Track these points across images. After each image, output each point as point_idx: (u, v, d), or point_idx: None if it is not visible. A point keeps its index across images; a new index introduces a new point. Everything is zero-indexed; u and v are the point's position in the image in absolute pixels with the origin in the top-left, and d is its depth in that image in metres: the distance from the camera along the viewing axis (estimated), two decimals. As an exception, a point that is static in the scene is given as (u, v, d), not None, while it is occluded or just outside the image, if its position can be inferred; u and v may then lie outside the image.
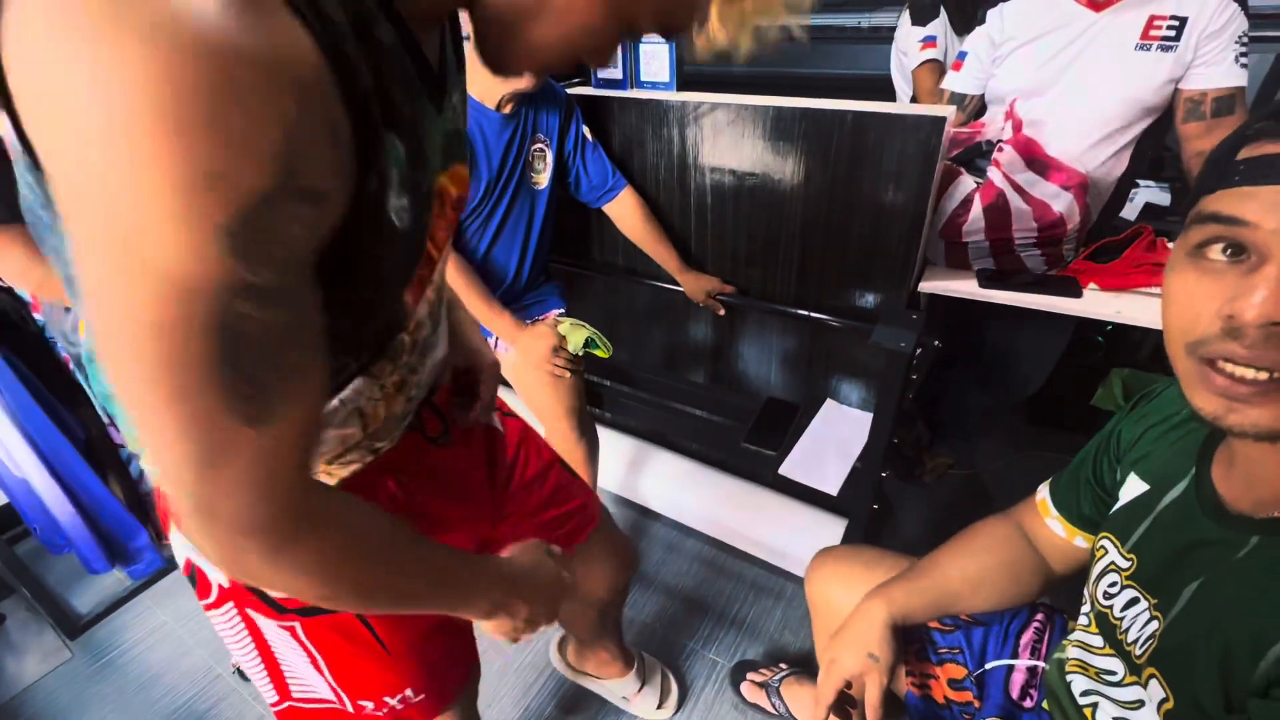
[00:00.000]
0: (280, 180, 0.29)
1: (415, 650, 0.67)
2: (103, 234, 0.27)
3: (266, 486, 0.34)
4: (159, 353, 0.29)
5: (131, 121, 0.25)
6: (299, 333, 0.34)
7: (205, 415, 0.31)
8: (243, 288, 0.29)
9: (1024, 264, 1.25)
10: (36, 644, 1.51)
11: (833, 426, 1.28)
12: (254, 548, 0.36)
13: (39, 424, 1.45)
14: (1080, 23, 1.25)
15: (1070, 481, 0.74)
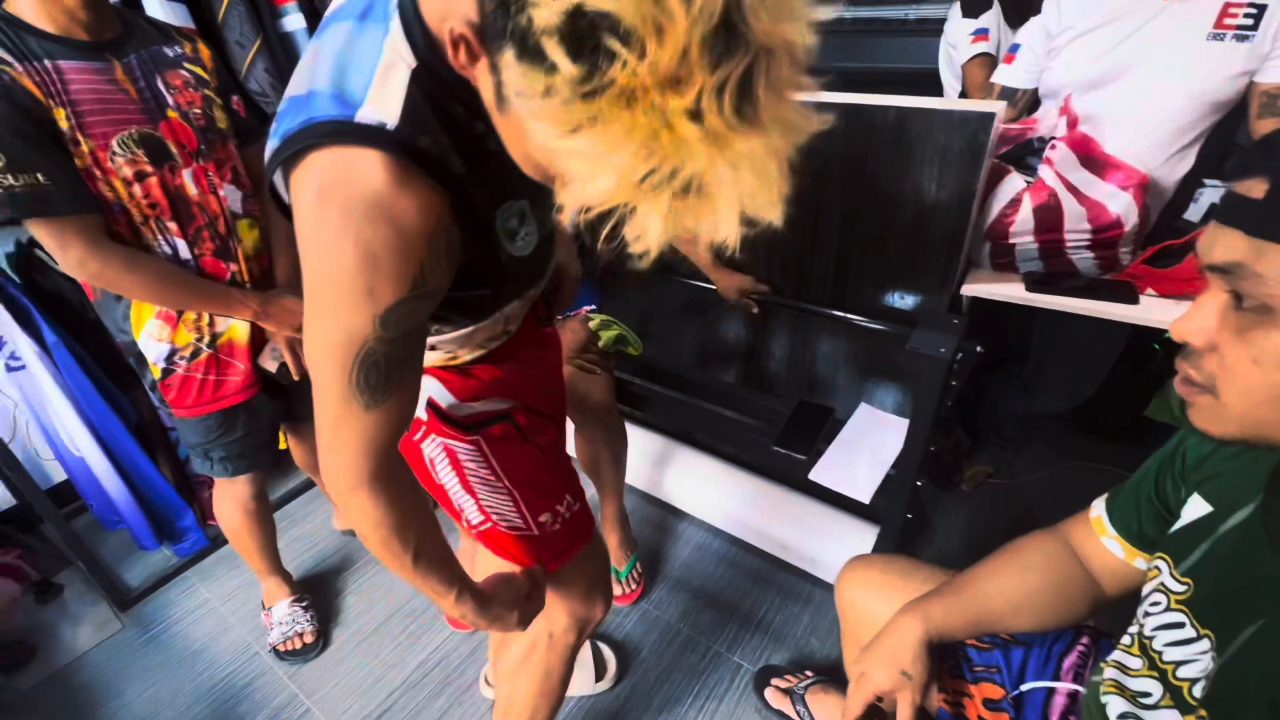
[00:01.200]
0: (411, 291, 0.51)
1: (563, 466, 0.87)
2: (322, 299, 0.52)
3: (360, 448, 0.56)
4: (330, 360, 0.53)
5: (346, 265, 0.49)
6: (403, 365, 0.55)
7: (341, 397, 0.54)
8: (376, 339, 0.52)
9: (1075, 267, 1.19)
10: (91, 614, 1.59)
11: (867, 431, 1.24)
12: (344, 481, 0.58)
13: (96, 406, 1.53)
14: (1146, 10, 1.18)
15: (1129, 499, 0.70)
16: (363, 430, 0.55)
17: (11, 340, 1.44)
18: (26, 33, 0.89)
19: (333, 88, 0.48)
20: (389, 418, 0.56)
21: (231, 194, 1.12)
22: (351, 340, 0.51)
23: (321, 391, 0.55)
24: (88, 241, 0.95)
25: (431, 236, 0.50)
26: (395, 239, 0.48)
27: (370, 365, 0.52)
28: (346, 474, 0.57)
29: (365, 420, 0.55)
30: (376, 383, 0.53)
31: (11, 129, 0.85)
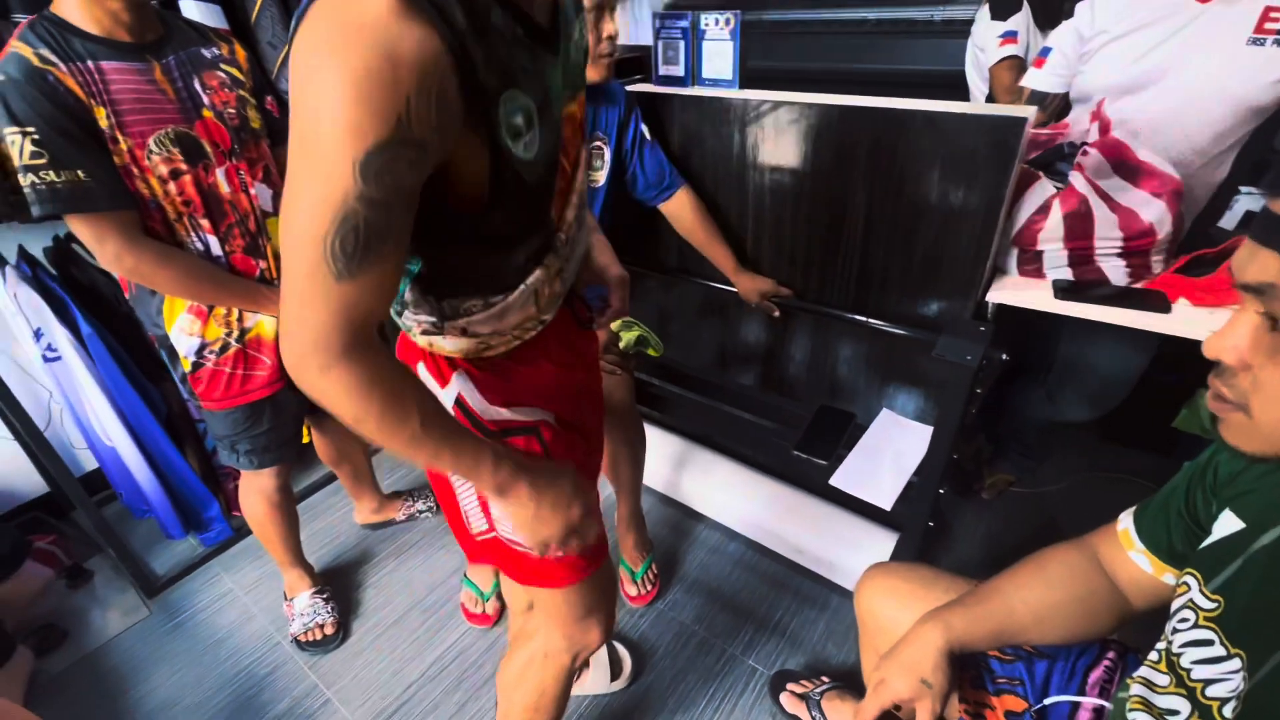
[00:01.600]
0: (394, 133, 0.46)
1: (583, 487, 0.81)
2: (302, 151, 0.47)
3: (330, 322, 0.50)
4: (303, 223, 0.48)
5: (328, 93, 0.44)
6: (383, 236, 0.50)
7: (311, 265, 0.48)
8: (358, 195, 0.47)
9: (1105, 275, 1.17)
10: (119, 600, 1.63)
11: (889, 437, 1.23)
12: (312, 361, 0.51)
13: (128, 397, 1.56)
14: (1183, 14, 1.15)
15: (1159, 513, 0.69)
16: (332, 302, 0.50)
17: (49, 332, 1.48)
18: (71, 34, 0.91)
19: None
20: (363, 292, 0.50)
21: (263, 192, 1.14)
22: (330, 198, 0.47)
23: (291, 263, 0.49)
24: (124, 237, 0.97)
25: (424, 73, 0.46)
26: (385, 66, 0.44)
27: (348, 230, 0.48)
28: (316, 353, 0.51)
29: (336, 291, 0.49)
30: (353, 251, 0.48)
31: (55, 127, 0.88)
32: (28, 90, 0.86)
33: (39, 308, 1.46)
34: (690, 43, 1.37)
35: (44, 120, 0.87)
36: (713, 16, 1.32)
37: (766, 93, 1.30)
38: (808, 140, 1.26)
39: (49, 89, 0.87)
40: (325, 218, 0.47)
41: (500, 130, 0.54)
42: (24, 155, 0.87)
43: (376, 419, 0.54)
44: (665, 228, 1.44)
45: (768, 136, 1.31)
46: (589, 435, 0.88)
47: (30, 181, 0.88)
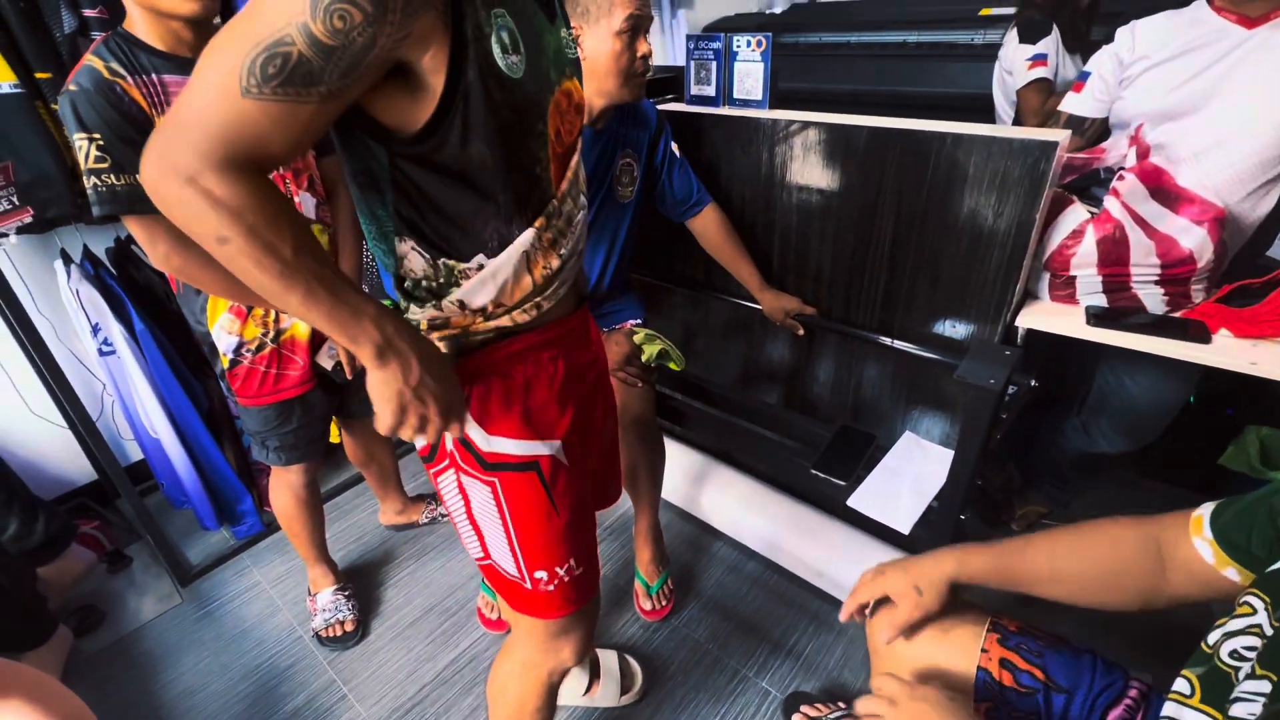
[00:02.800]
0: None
1: (576, 528, 0.80)
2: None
3: (215, 133, 0.48)
4: (236, 33, 0.47)
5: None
6: (315, 79, 0.48)
7: (221, 72, 0.47)
8: (301, 26, 0.46)
9: (1141, 302, 1.13)
10: (155, 586, 1.69)
11: (910, 460, 1.21)
12: (181, 162, 0.48)
13: (174, 392, 1.64)
14: (1228, 40, 1.13)
15: (1244, 513, 0.66)
16: (229, 113, 0.47)
17: (106, 327, 1.57)
18: (139, 49, 0.98)
19: None
20: (263, 118, 0.48)
21: (306, 201, 1.19)
22: (272, 20, 0.46)
23: (201, 66, 0.48)
24: (174, 238, 1.03)
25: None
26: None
27: (278, 54, 0.46)
28: (186, 155, 0.47)
29: (238, 105, 0.47)
30: (274, 76, 0.47)
31: (120, 135, 0.94)
32: (96, 100, 0.92)
33: (98, 304, 1.55)
34: (722, 64, 1.40)
35: (109, 128, 0.93)
36: (744, 38, 1.34)
37: (795, 113, 1.31)
38: (835, 160, 1.27)
39: (115, 99, 0.94)
40: (259, 34, 0.46)
41: (488, 38, 0.55)
42: (89, 159, 0.93)
43: (244, 238, 0.49)
44: (692, 243, 1.46)
45: (796, 156, 1.32)
46: (598, 471, 0.88)
47: (93, 184, 0.94)
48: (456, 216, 0.63)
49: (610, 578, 1.63)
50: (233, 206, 0.49)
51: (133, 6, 0.98)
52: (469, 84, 0.55)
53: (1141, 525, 0.73)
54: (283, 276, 0.52)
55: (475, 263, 0.65)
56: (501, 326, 0.70)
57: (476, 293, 0.66)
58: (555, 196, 0.69)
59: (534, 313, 0.71)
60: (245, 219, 0.49)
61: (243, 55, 0.46)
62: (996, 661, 0.77)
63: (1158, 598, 0.71)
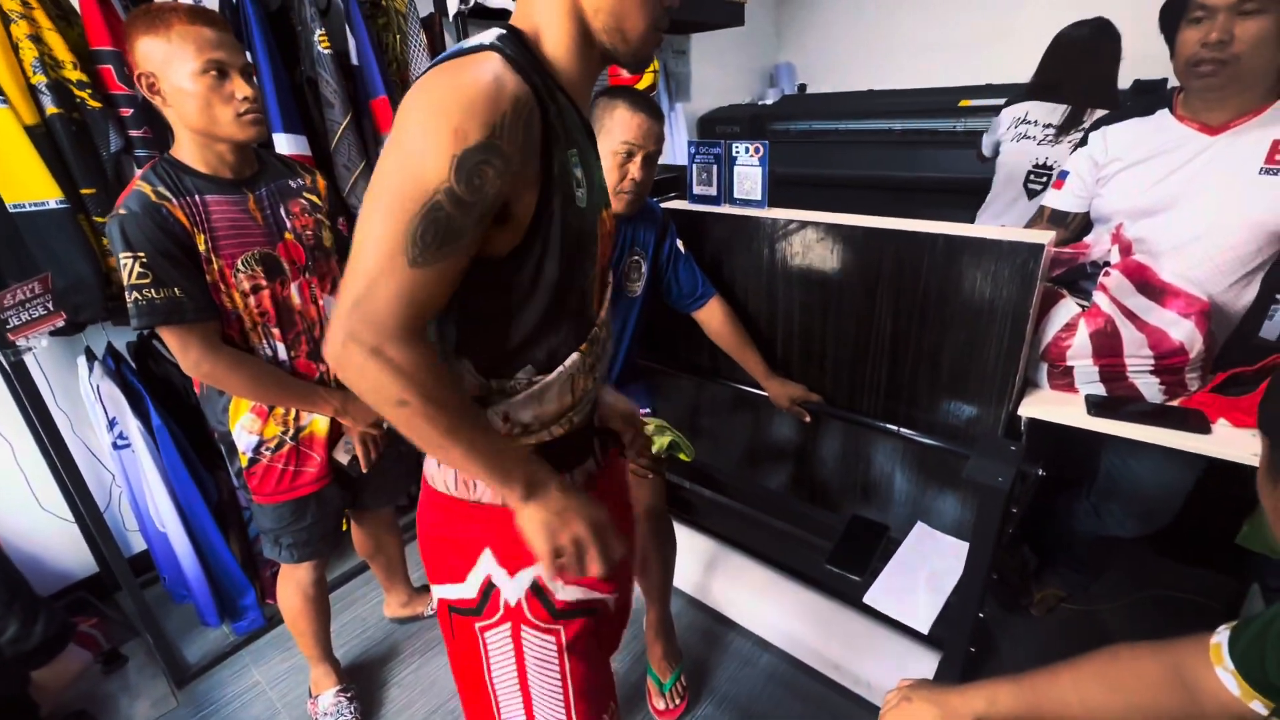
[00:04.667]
0: (489, 138, 0.55)
1: (608, 669, 0.88)
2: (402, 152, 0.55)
3: (396, 300, 0.55)
4: (392, 208, 0.54)
5: (438, 105, 0.55)
6: (461, 233, 0.56)
7: (392, 248, 0.54)
8: (447, 190, 0.54)
9: (1139, 391, 1.16)
10: (150, 689, 1.63)
11: (923, 553, 1.21)
12: (368, 336, 0.55)
13: (184, 484, 1.64)
14: (1192, 145, 1.21)
15: (1258, 637, 0.65)
16: (403, 284, 0.55)
17: (122, 421, 1.59)
18: (184, 173, 1.06)
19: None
20: (430, 282, 0.56)
21: (329, 303, 1.25)
22: (424, 188, 0.53)
23: (369, 244, 0.55)
24: (206, 345, 1.08)
25: (518, 100, 0.56)
26: (491, 86, 0.54)
27: (432, 220, 0.54)
28: (374, 328, 0.55)
29: (409, 275, 0.54)
30: (432, 240, 0.54)
31: (161, 252, 1.00)
32: (144, 222, 0.99)
33: (117, 400, 1.58)
34: (723, 167, 1.49)
35: (153, 246, 0.99)
36: (743, 145, 1.44)
37: (794, 212, 1.39)
38: (833, 256, 1.33)
39: (161, 219, 1.01)
40: (415, 205, 0.54)
41: (568, 174, 0.63)
42: (132, 276, 0.99)
43: (420, 401, 0.57)
44: (698, 331, 1.51)
45: (795, 252, 1.39)
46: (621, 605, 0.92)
47: (134, 299, 0.99)
48: (514, 335, 0.67)
49: (621, 674, 1.58)
50: (411, 374, 0.56)
51: (183, 132, 1.07)
52: (553, 213, 0.63)
53: (1163, 655, 0.72)
54: (450, 432, 0.60)
55: (524, 377, 0.69)
56: (541, 441, 0.73)
57: (523, 408, 0.70)
58: (597, 322, 0.75)
59: (567, 427, 0.74)
60: (423, 384, 0.57)
61: (404, 227, 0.54)
62: None
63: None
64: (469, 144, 0.54)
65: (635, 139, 1.18)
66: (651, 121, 1.19)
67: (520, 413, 0.69)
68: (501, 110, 0.55)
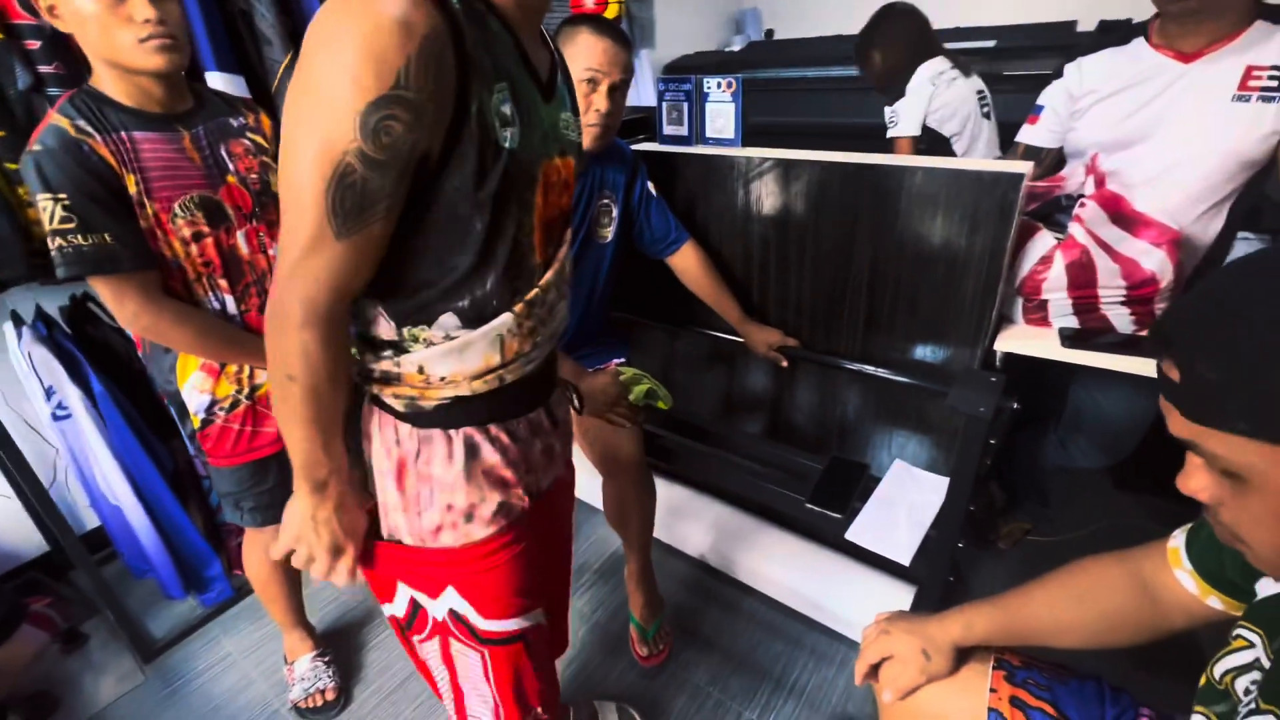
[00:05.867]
0: (393, 89, 0.50)
1: (547, 676, 0.89)
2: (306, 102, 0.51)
3: (324, 280, 0.55)
4: (306, 175, 0.51)
5: (336, 51, 0.49)
6: (380, 196, 0.53)
7: (316, 221, 0.52)
8: (356, 151, 0.50)
9: (1110, 322, 1.18)
10: (114, 665, 1.58)
11: (903, 489, 1.22)
12: (297, 315, 0.55)
13: (134, 453, 1.56)
14: (1167, 74, 1.20)
15: (1213, 538, 0.67)
16: (331, 261, 0.54)
17: (60, 390, 1.49)
18: (107, 106, 0.96)
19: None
20: (356, 252, 0.54)
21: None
22: (331, 150, 0.50)
23: (295, 213, 0.53)
24: (144, 297, 0.99)
25: (425, 38, 0.50)
26: (392, 26, 0.48)
27: (348, 186, 0.51)
28: (302, 307, 0.55)
29: (335, 250, 0.53)
30: (352, 208, 0.52)
31: (86, 194, 0.91)
32: (63, 159, 0.89)
33: (52, 367, 1.47)
34: (694, 104, 1.43)
35: (75, 187, 0.90)
36: (715, 80, 1.38)
37: (769, 150, 1.34)
38: (809, 195, 1.30)
39: (83, 158, 0.91)
40: (326, 170, 0.51)
41: (489, 114, 0.57)
42: (54, 220, 0.89)
43: (307, 391, 0.59)
44: (672, 280, 1.47)
45: (770, 192, 1.35)
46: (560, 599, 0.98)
47: (58, 245, 0.90)
48: (429, 281, 0.63)
49: (604, 624, 1.58)
50: (315, 361, 0.57)
51: (98, 63, 0.96)
52: (465, 156, 0.57)
53: (1126, 562, 0.75)
54: (309, 421, 0.61)
55: (443, 330, 0.65)
56: (459, 394, 0.69)
57: (439, 361, 0.66)
58: (540, 285, 0.69)
59: (495, 384, 0.70)
60: (317, 372, 0.58)
61: (322, 199, 0.52)
62: (1007, 700, 0.76)
63: (1158, 632, 0.72)
64: (371, 97, 0.49)
65: (599, 65, 1.10)
66: (617, 48, 1.12)
67: (436, 366, 0.66)
68: (406, 53, 0.49)
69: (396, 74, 0.49)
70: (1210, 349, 0.42)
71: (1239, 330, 0.41)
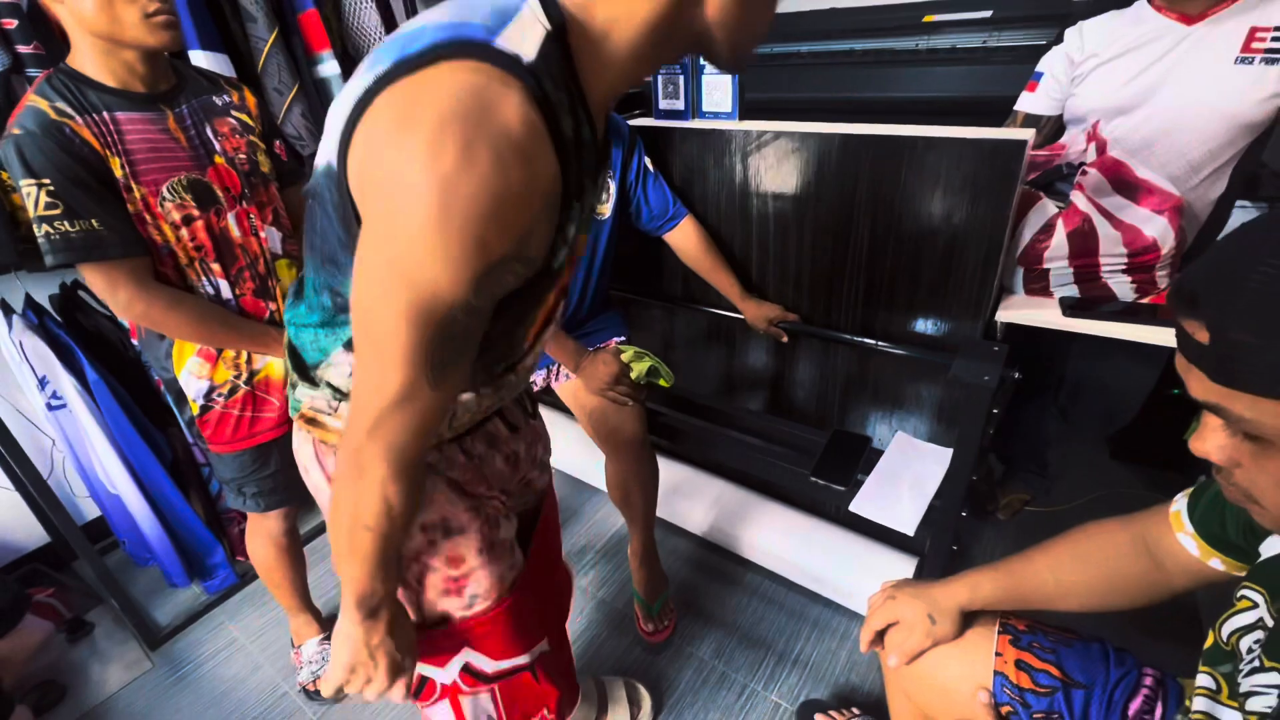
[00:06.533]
0: (513, 251, 0.46)
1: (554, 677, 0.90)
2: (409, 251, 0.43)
3: (418, 429, 0.52)
4: (401, 332, 0.46)
5: (460, 204, 0.41)
6: (475, 336, 0.51)
7: (414, 372, 0.48)
8: (464, 306, 0.46)
9: (1111, 291, 1.17)
10: (120, 653, 1.58)
11: (906, 461, 1.22)
12: (387, 467, 0.52)
13: (132, 442, 1.55)
14: (1171, 36, 1.18)
15: (1215, 502, 0.68)
16: (425, 409, 0.50)
17: (54, 380, 1.47)
18: (87, 86, 0.93)
19: (455, 20, 0.44)
20: (451, 392, 0.51)
21: (272, 235, 1.14)
22: (438, 306, 0.45)
23: (380, 366, 0.48)
24: (136, 283, 0.97)
25: (548, 195, 0.46)
26: (526, 184, 0.43)
27: (449, 337, 0.47)
28: (390, 460, 0.51)
29: (430, 397, 0.49)
30: (450, 357, 0.48)
31: (70, 178, 0.88)
32: (44, 143, 0.87)
33: (45, 356, 1.45)
34: (690, 78, 1.40)
35: (59, 172, 0.87)
36: (711, 52, 1.35)
37: (767, 123, 1.32)
38: (809, 168, 1.28)
39: (65, 141, 0.88)
40: (428, 325, 0.46)
41: (560, 241, 0.54)
42: (39, 206, 0.87)
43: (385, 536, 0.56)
44: (671, 257, 1.45)
45: (769, 166, 1.33)
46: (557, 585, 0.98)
47: (45, 232, 0.88)
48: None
49: (609, 601, 1.59)
50: (399, 514, 0.55)
51: (81, 39, 0.93)
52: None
53: (1129, 526, 0.76)
54: (377, 563, 0.58)
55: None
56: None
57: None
58: (518, 370, 0.69)
59: (446, 433, 0.70)
60: (399, 521, 0.56)
61: (421, 350, 0.47)
62: (1012, 664, 0.77)
63: (1160, 593, 0.73)
64: (494, 258, 0.45)
65: None
66: None
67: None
68: (532, 213, 0.45)
69: (520, 238, 0.46)
70: (1245, 311, 0.40)
71: (1277, 292, 0.39)
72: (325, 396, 0.65)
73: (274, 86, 1.55)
